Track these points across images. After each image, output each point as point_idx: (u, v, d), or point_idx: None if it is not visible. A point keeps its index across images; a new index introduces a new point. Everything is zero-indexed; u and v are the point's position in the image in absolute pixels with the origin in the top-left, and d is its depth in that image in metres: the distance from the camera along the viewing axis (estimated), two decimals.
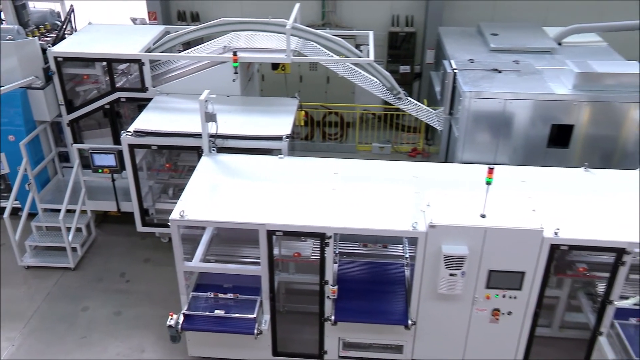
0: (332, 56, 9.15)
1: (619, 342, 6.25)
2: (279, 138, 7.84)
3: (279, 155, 7.60)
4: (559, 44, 10.30)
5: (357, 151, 12.38)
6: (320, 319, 6.74)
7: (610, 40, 10.60)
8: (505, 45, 10.13)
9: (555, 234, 5.96)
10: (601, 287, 6.43)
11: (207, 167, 7.30)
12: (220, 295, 6.73)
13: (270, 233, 6.22)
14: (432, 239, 6.03)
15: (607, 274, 6.19)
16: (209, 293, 6.75)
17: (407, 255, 7.20)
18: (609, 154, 8.65)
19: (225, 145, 7.81)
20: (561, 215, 6.31)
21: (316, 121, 12.61)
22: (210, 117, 7.26)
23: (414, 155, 12.25)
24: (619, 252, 5.93)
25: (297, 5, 9.49)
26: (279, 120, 8.33)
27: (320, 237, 6.20)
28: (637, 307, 6.50)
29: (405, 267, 7.06)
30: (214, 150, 7.59)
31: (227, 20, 9.04)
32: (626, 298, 6.48)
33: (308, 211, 6.41)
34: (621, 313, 6.38)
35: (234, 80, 8.91)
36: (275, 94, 11.15)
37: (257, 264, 6.49)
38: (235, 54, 8.68)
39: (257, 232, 6.22)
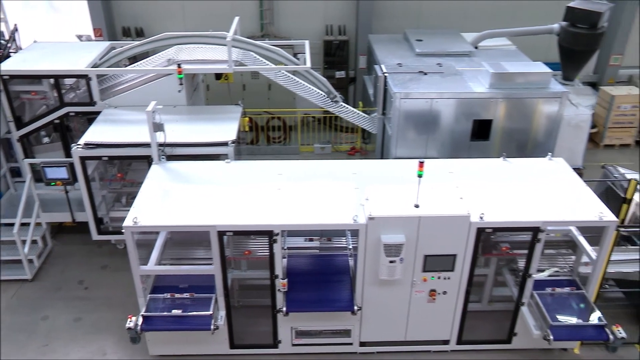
0: (271, 65, 9.13)
1: (537, 310, 6.54)
2: (224, 144, 7.77)
3: (226, 160, 7.53)
4: (476, 48, 10.63)
5: (300, 152, 12.40)
6: (273, 311, 6.73)
7: (518, 43, 11.05)
8: (429, 50, 10.37)
9: (481, 218, 6.17)
10: (521, 263, 6.69)
11: (158, 175, 7.15)
12: (177, 295, 6.60)
13: (221, 234, 6.16)
14: (371, 230, 6.12)
15: (525, 251, 6.45)
16: (165, 294, 6.61)
17: (350, 246, 7.27)
18: (523, 144, 9.01)
19: (174, 153, 7.67)
20: (485, 201, 6.53)
21: (260, 126, 12.55)
22: (158, 127, 7.11)
23: (353, 153, 12.38)
24: (535, 230, 6.21)
25: (236, 19, 9.41)
26: (225, 127, 8.25)
27: (268, 234, 6.18)
28: (551, 278, 6.83)
29: (349, 258, 7.13)
30: (163, 158, 7.43)
31: (169, 34, 8.87)
32: (542, 271, 6.79)
33: (256, 211, 6.38)
34: (539, 284, 6.68)
35: (179, 91, 8.75)
36: (220, 103, 11.01)
37: (211, 263, 6.41)
38: (179, 66, 8.54)
39: (208, 233, 6.15)
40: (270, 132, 12.70)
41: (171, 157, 7.55)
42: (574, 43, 9.44)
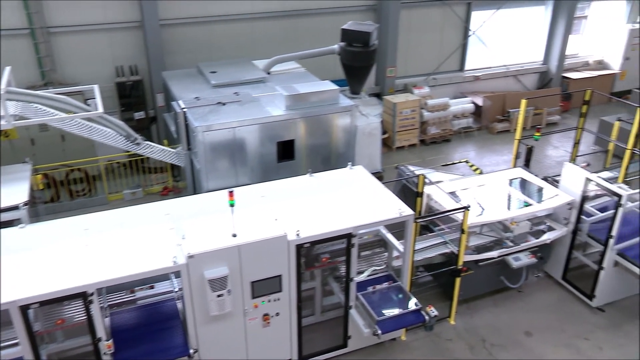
0: (61, 114, 8.47)
1: (364, 309, 6.99)
2: (15, 208, 6.99)
3: (20, 225, 6.73)
4: (268, 73, 11.13)
5: (109, 202, 11.62)
6: None
7: (306, 65, 11.83)
8: (224, 81, 10.57)
9: (297, 235, 6.40)
10: (343, 269, 7.08)
11: None
12: None
13: (24, 308, 5.47)
14: (193, 268, 5.98)
15: (344, 257, 6.85)
16: None
17: (177, 289, 7.00)
18: (326, 157, 9.64)
19: None
20: (299, 218, 6.79)
21: (59, 181, 11.49)
22: None
23: (166, 193, 11.97)
24: (348, 237, 6.64)
25: (7, 69, 8.54)
26: (12, 189, 7.46)
27: (82, 296, 5.67)
28: (371, 277, 7.36)
29: (177, 301, 6.86)
30: None
31: None
32: (362, 272, 7.29)
33: (63, 274, 5.79)
34: (361, 286, 7.15)
35: None
36: (4, 163, 9.85)
37: (18, 344, 5.65)
38: None
39: (8, 312, 5.41)
40: (72, 186, 11.70)
41: None
42: (353, 60, 10.43)
